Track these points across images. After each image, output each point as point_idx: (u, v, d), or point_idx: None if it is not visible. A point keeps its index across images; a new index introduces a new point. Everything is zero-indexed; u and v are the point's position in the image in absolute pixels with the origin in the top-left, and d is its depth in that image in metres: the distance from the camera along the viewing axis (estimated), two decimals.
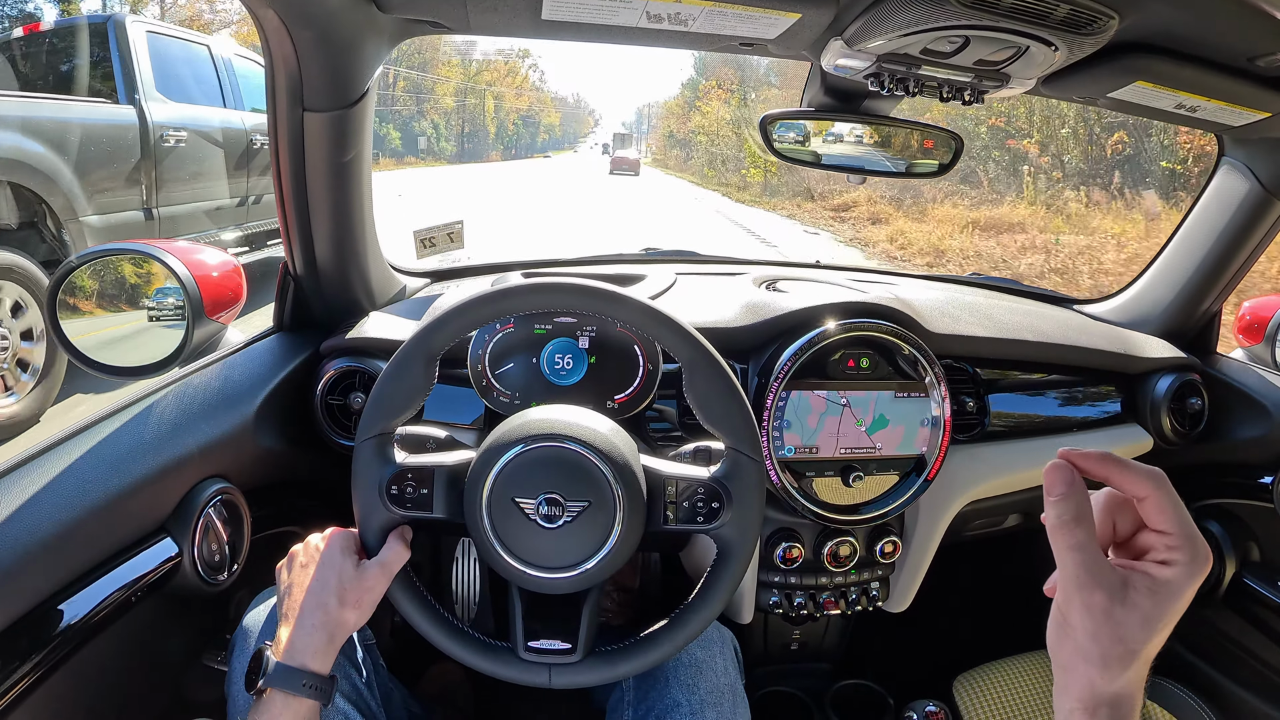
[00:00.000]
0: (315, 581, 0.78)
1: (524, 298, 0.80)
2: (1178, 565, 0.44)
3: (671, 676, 0.94)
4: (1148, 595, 0.44)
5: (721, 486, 0.80)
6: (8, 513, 0.72)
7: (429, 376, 0.80)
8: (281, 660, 0.73)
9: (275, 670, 0.73)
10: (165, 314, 1.17)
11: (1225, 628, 1.40)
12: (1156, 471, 0.47)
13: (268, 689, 0.72)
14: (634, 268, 1.34)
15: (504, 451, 0.76)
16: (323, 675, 0.74)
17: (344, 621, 0.76)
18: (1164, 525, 0.45)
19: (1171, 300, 1.44)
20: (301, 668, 0.73)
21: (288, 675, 0.72)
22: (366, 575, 0.78)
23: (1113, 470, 0.48)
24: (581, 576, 0.77)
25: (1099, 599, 0.44)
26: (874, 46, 0.89)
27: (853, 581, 1.20)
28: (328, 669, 0.75)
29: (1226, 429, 1.39)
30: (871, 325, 1.09)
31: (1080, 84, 1.02)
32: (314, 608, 0.76)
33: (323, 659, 0.74)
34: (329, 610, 0.76)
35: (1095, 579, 0.45)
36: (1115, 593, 0.44)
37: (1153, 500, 0.46)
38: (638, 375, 1.08)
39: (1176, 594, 0.44)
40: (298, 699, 0.72)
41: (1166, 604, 0.44)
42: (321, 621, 0.75)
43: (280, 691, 0.72)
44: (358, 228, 1.10)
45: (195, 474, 0.91)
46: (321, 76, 0.93)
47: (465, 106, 55.06)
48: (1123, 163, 10.08)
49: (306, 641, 0.74)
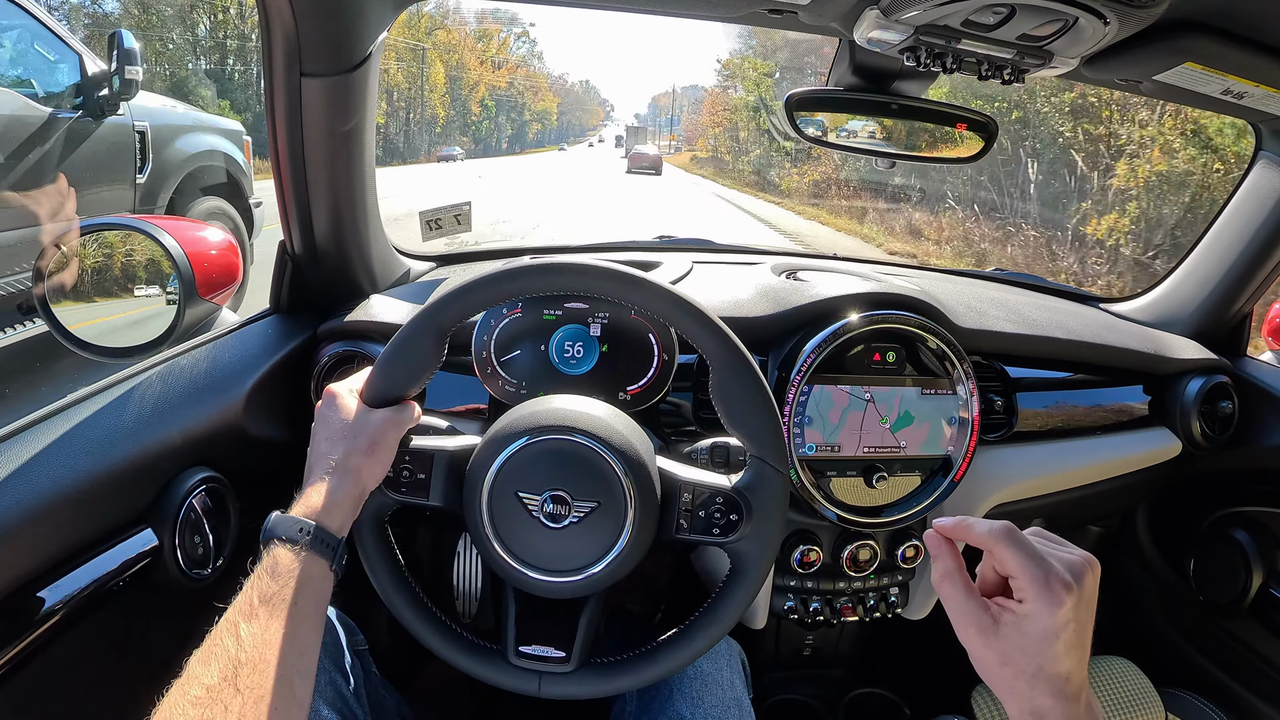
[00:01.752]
0: (318, 427, 0.72)
1: (543, 278, 0.74)
2: (1030, 601, 0.53)
3: (676, 689, 0.89)
4: (1014, 627, 0.53)
5: (742, 498, 0.74)
6: None
7: (436, 354, 0.75)
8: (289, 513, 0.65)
9: (272, 521, 0.65)
10: (156, 293, 1.12)
11: (1249, 639, 1.36)
12: (1000, 528, 0.56)
13: (267, 542, 0.64)
14: (648, 255, 1.29)
15: (510, 441, 0.71)
16: (329, 530, 0.65)
17: (355, 469, 0.69)
18: (1010, 571, 0.55)
19: (1202, 300, 1.39)
20: (305, 518, 0.65)
21: (285, 524, 0.64)
22: (376, 416, 0.71)
23: (965, 533, 0.59)
24: (584, 582, 0.71)
25: (972, 633, 0.55)
26: (911, 17, 0.84)
27: (871, 587, 1.15)
28: (337, 525, 0.66)
29: (1256, 434, 1.34)
30: (898, 317, 1.04)
31: (1125, 65, 0.97)
32: (319, 457, 0.70)
33: (330, 512, 0.66)
34: (335, 457, 0.69)
35: (965, 619, 0.56)
36: (986, 628, 0.55)
37: (996, 553, 0.56)
38: (652, 366, 1.02)
39: (1039, 623, 0.52)
40: (295, 551, 0.63)
41: (1035, 632, 0.52)
42: (337, 463, 0.68)
43: (278, 544, 0.63)
44: (359, 204, 1.04)
45: (178, 462, 0.86)
46: (320, 38, 0.87)
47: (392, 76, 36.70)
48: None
49: (319, 487, 0.67)
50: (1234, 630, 1.37)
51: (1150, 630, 1.52)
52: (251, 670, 0.56)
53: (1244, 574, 1.31)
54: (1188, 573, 1.41)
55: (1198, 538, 1.41)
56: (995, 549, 0.56)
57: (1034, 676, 0.52)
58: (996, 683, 0.55)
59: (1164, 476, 1.35)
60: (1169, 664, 1.42)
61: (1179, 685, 1.34)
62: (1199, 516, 1.41)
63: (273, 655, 0.58)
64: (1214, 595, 1.37)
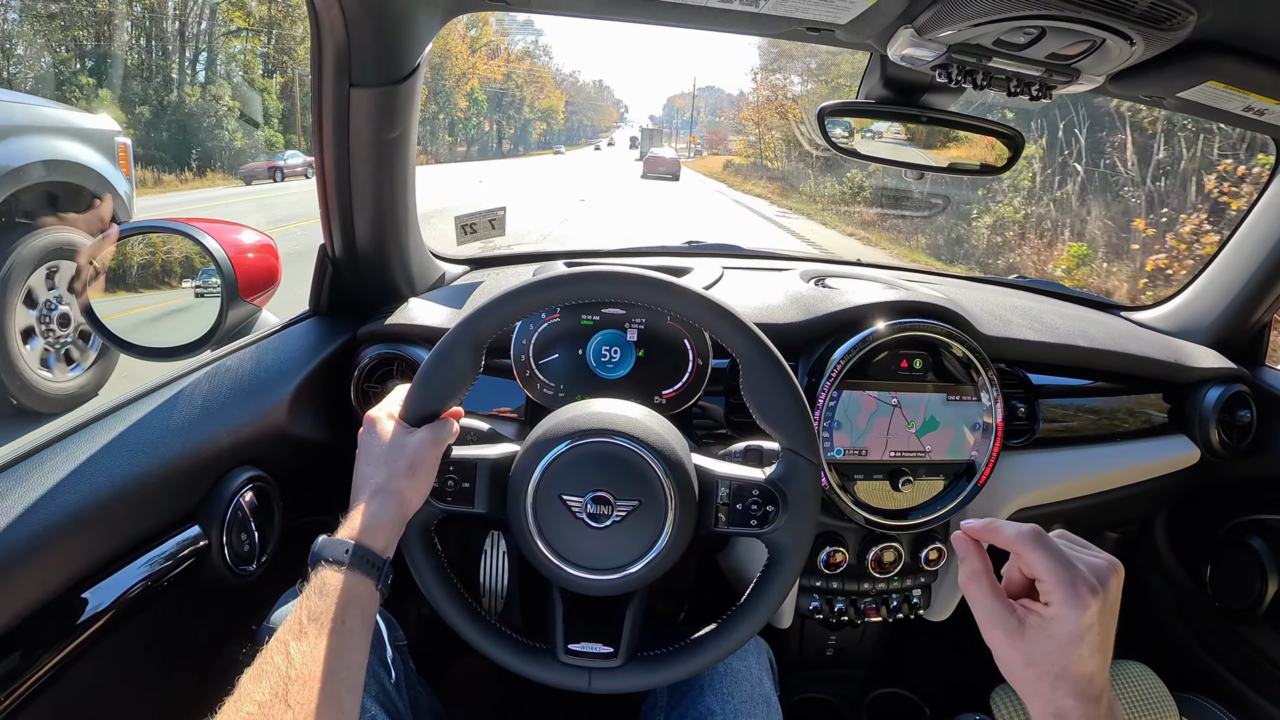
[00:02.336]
0: (361, 453, 0.74)
1: (577, 286, 0.77)
2: (1056, 604, 0.55)
3: (706, 684, 0.91)
4: (1040, 629, 0.55)
5: (777, 489, 0.76)
6: (34, 496, 0.69)
7: (474, 365, 0.77)
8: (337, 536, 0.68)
9: (319, 544, 0.67)
10: (199, 295, 1.15)
11: (1264, 645, 1.37)
12: (1027, 530, 0.58)
13: (315, 564, 0.66)
14: (679, 260, 1.31)
15: (551, 446, 0.73)
16: (373, 551, 0.68)
17: (397, 491, 0.71)
18: (1037, 574, 0.56)
19: (1223, 309, 1.41)
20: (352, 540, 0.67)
21: (331, 546, 0.67)
22: (412, 438, 0.74)
23: (993, 535, 0.60)
24: (628, 579, 0.73)
25: (997, 635, 0.57)
26: (945, 36, 0.86)
27: (895, 588, 1.17)
28: (381, 545, 0.69)
29: (1274, 443, 1.36)
30: (925, 325, 1.06)
31: (1150, 83, 0.99)
32: (363, 482, 0.72)
33: (374, 533, 0.68)
34: (378, 480, 0.71)
35: (992, 620, 0.57)
36: (1012, 629, 0.56)
37: (1024, 556, 0.57)
38: (687, 370, 1.04)
39: (1065, 626, 0.54)
40: (341, 571, 0.65)
41: (1060, 634, 0.54)
42: (380, 486, 0.71)
43: (325, 565, 0.66)
44: (400, 210, 1.07)
45: (226, 461, 0.89)
46: (370, 50, 0.90)
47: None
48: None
49: (362, 510, 0.69)
50: (1249, 636, 1.39)
51: (1167, 635, 1.53)
52: (301, 686, 0.58)
53: (1260, 581, 1.33)
54: (1205, 579, 1.43)
55: (1215, 545, 1.42)
56: (1022, 551, 0.57)
57: (1058, 678, 0.54)
58: (1020, 684, 0.56)
59: (1182, 484, 1.37)
60: (1185, 669, 1.43)
61: (1194, 690, 1.36)
62: (1216, 524, 1.43)
63: (321, 671, 0.60)
64: (1230, 601, 1.38)
